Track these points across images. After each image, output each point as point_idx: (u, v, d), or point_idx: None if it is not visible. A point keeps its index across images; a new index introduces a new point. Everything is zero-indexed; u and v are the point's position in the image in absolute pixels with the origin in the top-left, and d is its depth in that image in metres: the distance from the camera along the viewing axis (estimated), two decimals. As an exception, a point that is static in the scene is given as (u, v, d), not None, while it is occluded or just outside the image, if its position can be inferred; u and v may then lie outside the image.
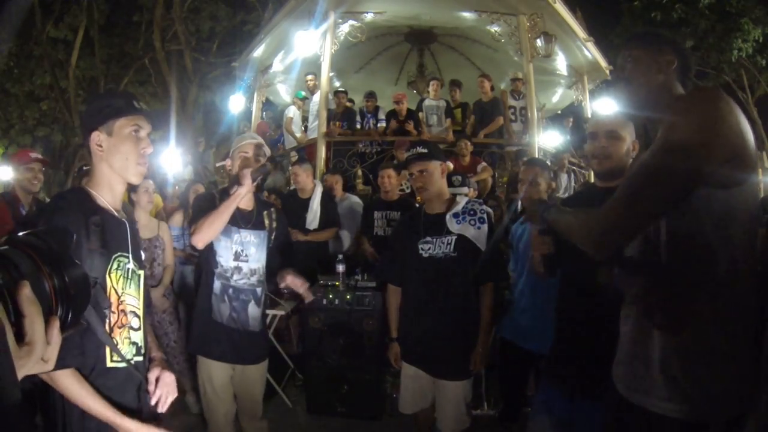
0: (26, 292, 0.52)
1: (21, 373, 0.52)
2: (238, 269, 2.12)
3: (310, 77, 6.41)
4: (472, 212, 2.24)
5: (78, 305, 0.60)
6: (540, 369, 2.21)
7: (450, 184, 2.93)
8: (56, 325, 0.57)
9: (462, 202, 2.28)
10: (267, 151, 2.22)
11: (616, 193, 1.16)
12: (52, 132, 13.52)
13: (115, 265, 1.33)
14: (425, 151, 2.26)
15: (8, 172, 3.52)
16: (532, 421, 1.99)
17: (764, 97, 12.86)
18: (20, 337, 0.52)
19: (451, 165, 4.99)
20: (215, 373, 2.14)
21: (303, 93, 6.91)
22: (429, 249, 2.24)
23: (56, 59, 12.58)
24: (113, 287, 1.33)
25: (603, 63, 6.91)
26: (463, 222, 2.22)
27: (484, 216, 2.24)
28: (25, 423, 1.08)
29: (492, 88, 6.00)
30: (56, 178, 13.46)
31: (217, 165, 6.39)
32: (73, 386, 1.19)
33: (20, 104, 13.18)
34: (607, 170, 1.83)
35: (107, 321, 1.29)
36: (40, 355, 0.54)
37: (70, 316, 0.58)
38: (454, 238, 2.20)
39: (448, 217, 2.23)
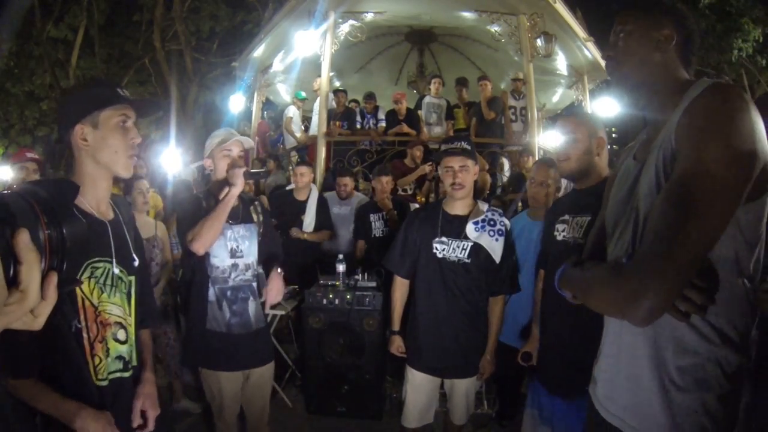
0: (24, 238, 0.50)
1: (6, 320, 0.49)
2: (235, 266, 2.11)
3: (318, 80, 6.23)
4: (492, 222, 2.20)
5: (73, 260, 0.57)
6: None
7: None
8: (54, 280, 0.54)
9: (484, 209, 2.23)
10: (250, 144, 2.17)
11: (645, 237, 0.92)
12: (52, 132, 13.51)
13: (87, 273, 1.21)
14: (469, 147, 2.16)
15: (7, 171, 3.58)
16: (525, 415, 2.06)
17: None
18: (15, 284, 0.50)
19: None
20: (225, 383, 2.10)
21: (303, 93, 6.90)
22: (443, 250, 2.20)
23: (56, 59, 12.59)
24: (86, 297, 1.21)
25: (603, 63, 6.89)
26: (482, 231, 2.18)
27: (503, 228, 2.21)
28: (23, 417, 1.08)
29: (492, 90, 6.00)
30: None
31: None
32: (35, 395, 1.13)
33: (20, 104, 13.20)
34: (568, 172, 1.88)
35: (84, 337, 1.19)
36: (31, 305, 0.51)
37: (64, 270, 0.56)
38: (470, 244, 2.17)
39: (469, 224, 2.19)
